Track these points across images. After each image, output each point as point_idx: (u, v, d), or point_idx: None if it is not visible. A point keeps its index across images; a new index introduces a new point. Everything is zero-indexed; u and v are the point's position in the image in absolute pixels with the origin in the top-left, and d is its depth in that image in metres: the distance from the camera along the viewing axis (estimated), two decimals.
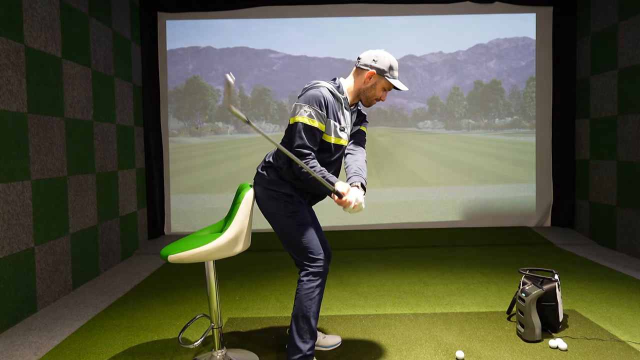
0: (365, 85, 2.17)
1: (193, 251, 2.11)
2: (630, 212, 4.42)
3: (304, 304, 2.14)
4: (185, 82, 5.54)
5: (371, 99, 2.21)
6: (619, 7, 4.55)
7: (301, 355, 2.14)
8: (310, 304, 2.15)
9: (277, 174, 2.19)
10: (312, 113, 2.05)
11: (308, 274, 2.17)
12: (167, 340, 2.67)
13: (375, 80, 2.16)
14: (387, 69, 2.14)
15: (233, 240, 2.15)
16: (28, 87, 3.11)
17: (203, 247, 2.12)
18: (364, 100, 2.22)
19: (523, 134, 5.63)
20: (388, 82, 2.16)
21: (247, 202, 2.19)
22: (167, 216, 5.49)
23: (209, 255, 2.14)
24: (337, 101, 2.13)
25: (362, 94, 2.20)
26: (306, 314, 2.14)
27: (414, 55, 5.63)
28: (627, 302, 3.14)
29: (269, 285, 3.65)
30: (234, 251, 2.18)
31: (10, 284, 2.89)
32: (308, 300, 2.14)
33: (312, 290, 2.15)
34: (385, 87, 2.20)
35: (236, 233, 2.16)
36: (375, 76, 2.15)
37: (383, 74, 2.14)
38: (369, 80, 2.16)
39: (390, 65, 2.15)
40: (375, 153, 5.65)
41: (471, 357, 2.39)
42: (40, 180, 3.22)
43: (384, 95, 2.22)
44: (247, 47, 5.55)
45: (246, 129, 5.62)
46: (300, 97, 2.11)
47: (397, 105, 5.68)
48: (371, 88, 2.17)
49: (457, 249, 4.79)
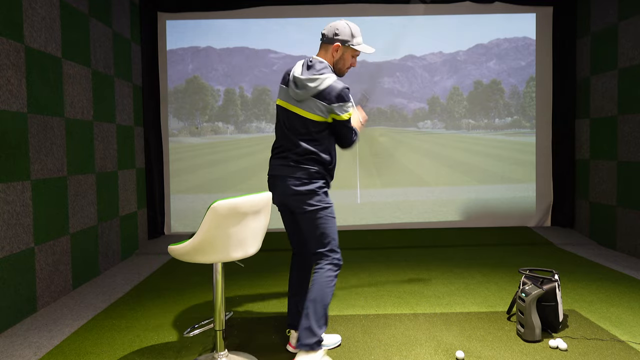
0: (334, 58, 2.31)
1: (189, 242, 2.06)
2: (630, 212, 4.42)
3: (324, 290, 2.21)
4: (185, 82, 5.54)
5: (343, 69, 2.35)
6: (619, 7, 4.55)
7: (317, 339, 2.18)
8: (329, 292, 2.22)
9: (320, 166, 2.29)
10: (353, 105, 2.32)
11: (330, 263, 2.26)
12: (168, 340, 2.67)
13: (342, 51, 2.30)
14: (349, 37, 2.27)
15: (196, 246, 2.05)
16: (28, 87, 3.11)
17: (181, 245, 2.08)
18: (337, 72, 2.35)
19: (523, 134, 5.63)
20: (354, 49, 2.31)
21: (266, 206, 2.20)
22: (167, 216, 5.49)
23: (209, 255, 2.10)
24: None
25: (335, 66, 2.33)
26: (325, 301, 2.21)
27: (414, 55, 5.63)
28: (627, 302, 3.14)
29: (269, 285, 3.65)
30: (237, 254, 2.12)
31: (10, 284, 2.89)
32: (327, 287, 2.23)
33: (332, 280, 2.25)
34: (353, 55, 2.34)
35: (199, 240, 2.04)
36: (341, 48, 2.29)
37: (347, 44, 2.27)
38: (336, 52, 2.30)
39: (352, 33, 2.28)
40: (375, 153, 5.65)
41: (471, 357, 2.39)
42: (40, 180, 3.22)
43: (354, 61, 2.36)
44: (247, 47, 5.55)
45: (246, 128, 5.62)
46: (338, 96, 2.20)
47: (397, 105, 5.68)
48: (340, 59, 2.31)
49: (457, 249, 4.79)
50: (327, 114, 2.23)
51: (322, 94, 2.20)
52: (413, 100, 5.68)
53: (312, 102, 2.22)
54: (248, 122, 5.62)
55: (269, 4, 5.38)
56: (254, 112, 5.62)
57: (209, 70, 5.56)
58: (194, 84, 5.56)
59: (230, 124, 5.63)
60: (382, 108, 5.67)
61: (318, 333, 2.17)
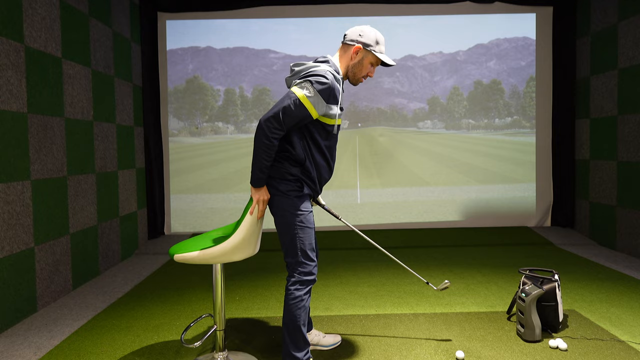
0: (352, 62, 2.16)
1: (198, 253, 2.10)
2: (630, 212, 4.42)
3: (294, 314, 2.09)
4: (185, 82, 5.54)
5: (358, 76, 2.19)
6: (619, 7, 4.55)
7: None
8: (299, 313, 2.10)
9: (295, 167, 2.12)
10: (312, 91, 1.98)
11: (295, 283, 2.11)
12: (168, 340, 2.67)
13: (362, 55, 2.15)
14: (373, 43, 2.13)
15: (239, 245, 2.12)
16: (28, 87, 3.11)
17: (208, 250, 2.10)
18: (352, 78, 2.21)
19: (523, 134, 5.63)
20: (375, 56, 2.16)
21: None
22: (167, 216, 5.49)
23: (214, 259, 2.12)
24: (338, 84, 2.11)
25: (350, 70, 2.18)
26: (297, 323, 2.10)
27: (414, 55, 5.63)
28: (627, 302, 3.14)
29: (269, 285, 3.65)
30: (240, 256, 2.15)
31: (10, 284, 2.89)
32: (297, 309, 2.09)
33: (299, 300, 2.10)
34: (373, 62, 2.18)
35: (242, 238, 2.11)
36: (362, 51, 2.14)
37: (369, 48, 2.13)
38: (355, 55, 2.15)
39: (377, 39, 2.15)
40: (375, 153, 5.65)
41: (471, 357, 2.39)
42: (40, 180, 3.22)
43: (372, 70, 2.21)
44: (247, 47, 5.55)
45: (246, 128, 5.62)
46: (308, 75, 2.02)
47: (397, 105, 5.68)
48: (358, 64, 2.16)
49: (457, 249, 4.79)
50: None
51: (299, 73, 2.08)
52: (413, 100, 5.68)
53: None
54: (248, 122, 5.62)
55: (268, 4, 5.38)
56: (254, 112, 5.62)
57: (209, 70, 5.56)
58: (194, 84, 5.56)
59: (230, 124, 5.63)
60: (382, 108, 5.67)
61: (300, 356, 2.11)
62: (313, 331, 2.53)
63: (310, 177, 2.14)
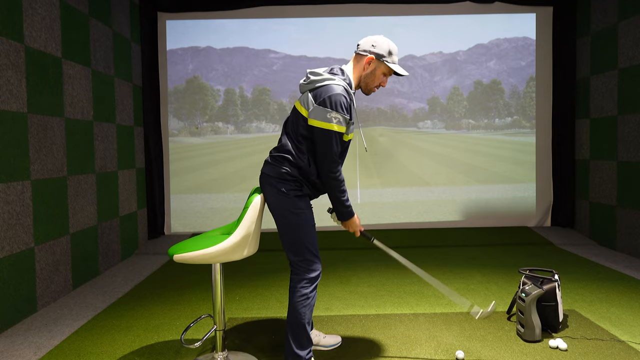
0: (365, 72, 2.16)
1: (197, 253, 2.10)
2: (630, 212, 4.42)
3: (299, 312, 2.11)
4: (185, 82, 5.54)
5: (371, 86, 2.20)
6: (619, 7, 4.55)
7: None
8: (305, 311, 2.11)
9: (294, 169, 2.12)
10: (341, 119, 2.03)
11: (301, 281, 2.13)
12: (168, 340, 2.67)
13: (375, 65, 2.15)
14: (386, 53, 2.13)
15: (238, 244, 2.13)
16: (28, 87, 3.11)
17: (207, 249, 2.11)
18: (364, 88, 2.21)
19: (523, 134, 5.63)
20: (388, 66, 2.15)
21: (254, 207, 2.15)
22: (167, 216, 5.49)
23: (213, 258, 2.12)
24: (351, 99, 2.11)
25: (363, 81, 2.19)
26: (301, 322, 2.11)
27: (414, 55, 5.63)
28: (627, 302, 3.14)
29: (269, 285, 3.65)
30: (240, 255, 2.15)
31: (10, 284, 2.89)
32: (302, 307, 2.11)
33: (307, 297, 2.11)
34: (385, 72, 2.18)
35: (241, 237, 2.13)
36: (375, 61, 2.14)
37: (382, 59, 2.13)
38: (368, 66, 2.15)
39: (389, 50, 2.14)
40: (375, 153, 5.65)
41: (471, 357, 2.39)
42: (40, 180, 3.22)
43: (385, 80, 2.21)
44: (247, 47, 5.55)
45: (246, 128, 5.62)
46: (326, 102, 2.02)
47: (397, 105, 5.68)
48: (371, 74, 2.16)
49: (457, 249, 4.79)
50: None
51: (316, 90, 2.06)
52: (413, 100, 5.68)
53: (307, 96, 2.09)
54: (248, 122, 5.62)
55: (268, 4, 5.38)
56: (254, 112, 5.62)
57: (209, 70, 5.56)
58: (194, 84, 5.56)
59: (230, 124, 5.63)
60: (382, 108, 5.67)
61: (302, 354, 2.12)
62: (314, 331, 2.53)
63: (309, 180, 2.15)
